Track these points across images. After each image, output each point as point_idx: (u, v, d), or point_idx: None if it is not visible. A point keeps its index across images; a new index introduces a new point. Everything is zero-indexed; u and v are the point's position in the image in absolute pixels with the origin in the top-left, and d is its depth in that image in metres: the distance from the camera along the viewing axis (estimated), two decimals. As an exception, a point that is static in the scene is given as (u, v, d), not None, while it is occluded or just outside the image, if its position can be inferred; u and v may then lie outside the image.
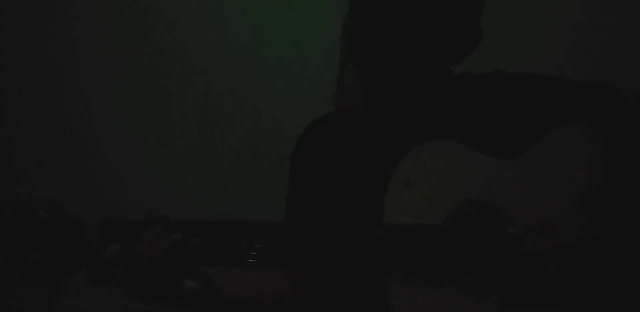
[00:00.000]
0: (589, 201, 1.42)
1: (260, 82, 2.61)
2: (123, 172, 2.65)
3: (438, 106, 1.56)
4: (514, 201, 1.42)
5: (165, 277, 1.31)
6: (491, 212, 1.42)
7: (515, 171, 1.44)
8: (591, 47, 2.44)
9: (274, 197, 1.71)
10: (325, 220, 1.41)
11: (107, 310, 2.32)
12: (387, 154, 1.51)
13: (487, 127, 1.54)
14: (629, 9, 2.40)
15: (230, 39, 2.61)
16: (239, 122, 2.62)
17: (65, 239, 1.28)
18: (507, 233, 1.39)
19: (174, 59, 2.63)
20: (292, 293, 1.56)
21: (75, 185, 2.61)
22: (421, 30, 1.46)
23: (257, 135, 2.61)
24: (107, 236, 1.30)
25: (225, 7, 2.59)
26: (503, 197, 1.42)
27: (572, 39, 2.45)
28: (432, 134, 1.51)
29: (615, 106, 1.52)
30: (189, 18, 2.61)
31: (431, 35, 1.47)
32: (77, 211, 1.29)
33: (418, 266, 1.37)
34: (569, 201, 1.42)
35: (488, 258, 1.40)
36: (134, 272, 1.30)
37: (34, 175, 2.61)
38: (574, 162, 1.45)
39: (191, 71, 2.62)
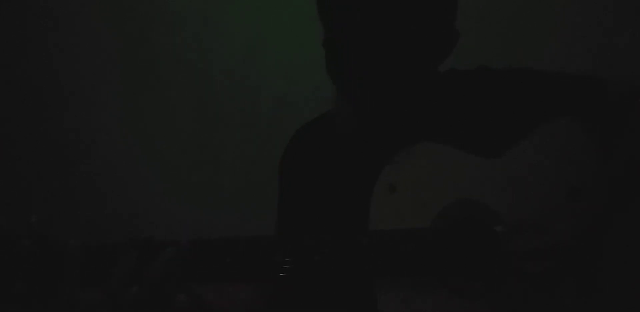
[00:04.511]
0: (578, 196, 1.41)
1: (260, 82, 2.61)
2: (122, 173, 2.66)
3: (422, 107, 1.55)
4: (502, 199, 1.42)
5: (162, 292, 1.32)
6: (479, 212, 1.42)
7: (503, 169, 1.44)
8: (590, 47, 2.42)
9: (274, 197, 1.72)
10: (313, 228, 1.41)
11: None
12: (373, 158, 1.51)
13: (472, 125, 1.53)
14: (629, 8, 2.39)
15: (230, 39, 2.60)
16: (239, 122, 2.62)
17: (50, 267, 1.29)
18: (496, 232, 1.39)
19: (173, 59, 2.63)
20: (280, 307, 1.57)
21: (75, 185, 2.63)
22: (394, 27, 1.43)
23: (257, 136, 2.61)
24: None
25: (225, 7, 2.59)
26: (491, 196, 1.42)
27: (572, 38, 2.43)
28: (418, 134, 1.51)
29: (603, 98, 1.50)
30: (189, 18, 2.61)
31: (405, 31, 1.44)
32: (60, 237, 1.30)
33: (407, 271, 1.37)
34: (558, 197, 1.41)
35: (478, 259, 1.40)
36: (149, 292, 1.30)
37: (35, 173, 2.63)
38: (563, 157, 1.44)
39: (191, 71, 2.62)
